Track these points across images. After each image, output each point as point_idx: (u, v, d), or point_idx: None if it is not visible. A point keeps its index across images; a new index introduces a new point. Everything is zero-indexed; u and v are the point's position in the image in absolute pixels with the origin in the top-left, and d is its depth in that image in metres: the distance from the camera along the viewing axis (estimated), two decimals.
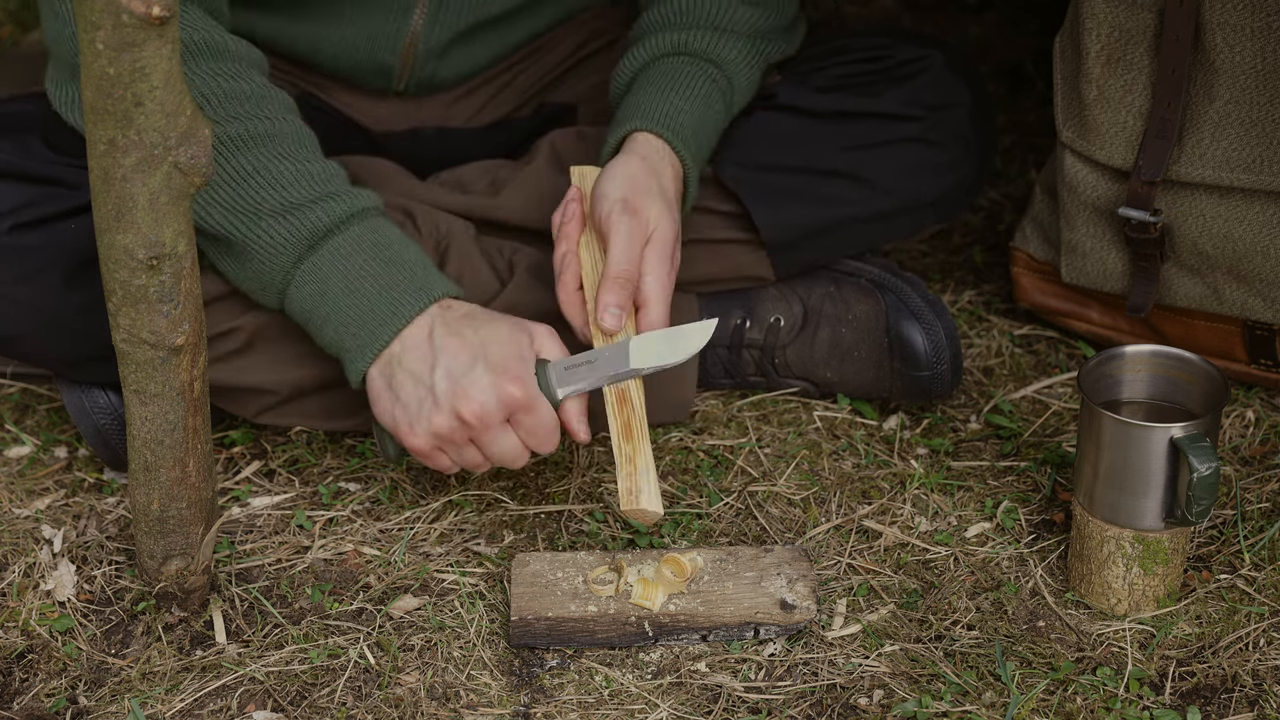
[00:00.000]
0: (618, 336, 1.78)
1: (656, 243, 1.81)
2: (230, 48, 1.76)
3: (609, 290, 1.78)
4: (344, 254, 1.75)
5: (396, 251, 1.76)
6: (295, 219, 1.73)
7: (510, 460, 1.75)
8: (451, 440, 1.73)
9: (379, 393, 1.75)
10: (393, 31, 1.98)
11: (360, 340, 1.74)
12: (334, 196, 1.75)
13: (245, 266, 1.76)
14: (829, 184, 1.97)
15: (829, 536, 1.87)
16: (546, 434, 1.74)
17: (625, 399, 1.75)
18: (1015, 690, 1.66)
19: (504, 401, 1.70)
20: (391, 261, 1.75)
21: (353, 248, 1.75)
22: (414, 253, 1.78)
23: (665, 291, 1.81)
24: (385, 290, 1.74)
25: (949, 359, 1.98)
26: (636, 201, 1.80)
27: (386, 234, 1.77)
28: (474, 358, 1.71)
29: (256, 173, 1.73)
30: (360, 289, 1.74)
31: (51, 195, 1.79)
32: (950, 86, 1.99)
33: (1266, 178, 1.86)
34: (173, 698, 1.68)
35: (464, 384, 1.70)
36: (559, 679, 1.70)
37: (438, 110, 2.11)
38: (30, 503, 1.93)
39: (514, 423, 1.73)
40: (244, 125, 1.73)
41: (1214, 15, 1.83)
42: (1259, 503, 1.89)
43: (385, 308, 1.74)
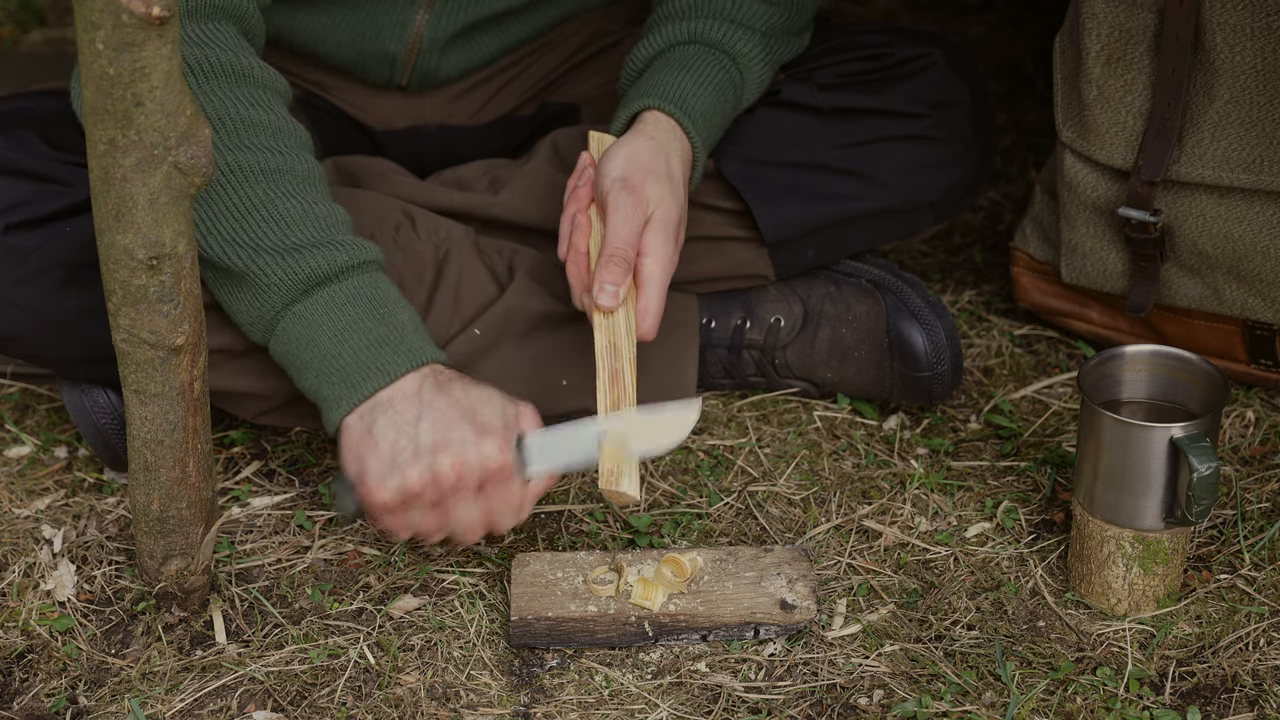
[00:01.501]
0: (615, 316, 1.77)
1: (657, 223, 1.79)
2: (256, 74, 1.74)
3: (606, 268, 1.77)
4: (337, 304, 1.71)
5: (390, 311, 1.72)
6: (293, 260, 1.70)
7: (466, 532, 1.71)
8: (418, 498, 1.67)
9: (355, 439, 1.69)
10: (400, 20, 1.98)
11: (339, 391, 1.70)
12: (337, 244, 1.72)
13: (238, 299, 1.73)
14: (830, 180, 1.97)
15: (829, 536, 1.87)
16: (511, 509, 1.70)
17: (618, 379, 1.74)
18: (1015, 690, 1.66)
19: (485, 462, 1.66)
20: (384, 320, 1.71)
21: (346, 299, 1.71)
22: (408, 315, 1.74)
23: (665, 273, 1.79)
24: (373, 346, 1.70)
25: (949, 359, 1.98)
26: (636, 180, 1.79)
27: (384, 291, 1.73)
28: (462, 416, 1.67)
29: (262, 206, 1.70)
30: (347, 341, 1.70)
31: (47, 193, 1.79)
32: (951, 84, 1.99)
33: (1266, 178, 1.86)
34: (173, 698, 1.68)
35: (449, 437, 1.66)
36: (559, 679, 1.70)
37: (439, 107, 2.11)
38: (30, 503, 1.93)
39: (484, 491, 1.68)
40: (256, 156, 1.70)
41: (1214, 15, 1.84)
42: (1259, 503, 1.89)
43: (370, 363, 1.69)
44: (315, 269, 1.70)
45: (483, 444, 1.66)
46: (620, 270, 1.77)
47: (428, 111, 2.12)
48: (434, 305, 1.92)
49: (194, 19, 1.73)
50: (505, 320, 1.93)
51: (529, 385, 1.95)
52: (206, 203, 1.69)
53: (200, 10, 1.74)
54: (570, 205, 1.83)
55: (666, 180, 1.81)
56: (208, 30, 1.73)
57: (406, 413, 1.67)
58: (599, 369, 1.75)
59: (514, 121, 2.16)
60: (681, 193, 1.83)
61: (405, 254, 1.92)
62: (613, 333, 1.77)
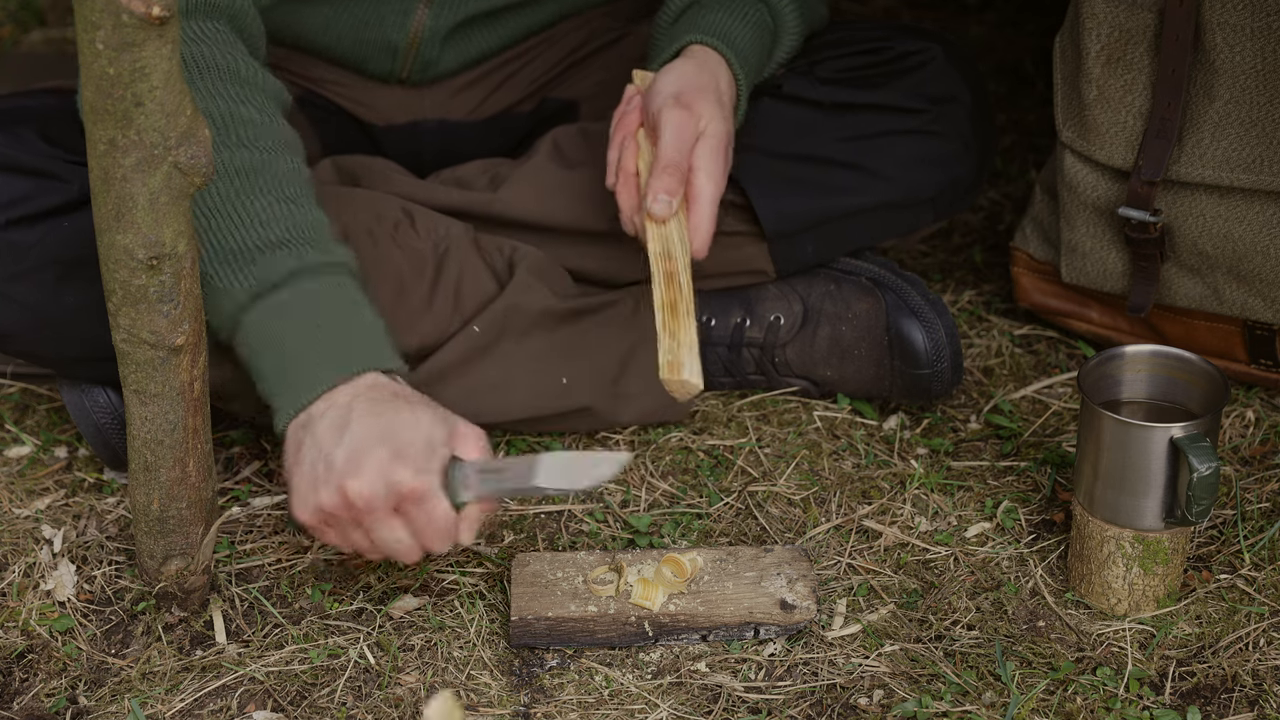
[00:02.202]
0: (668, 226, 1.76)
1: (709, 139, 1.79)
2: (242, 72, 1.73)
3: (659, 177, 1.76)
4: (284, 310, 1.67)
5: (338, 317, 1.68)
6: (248, 264, 1.66)
7: (398, 554, 1.65)
8: (337, 519, 1.64)
9: (289, 456, 1.66)
10: (402, 10, 1.99)
11: (281, 402, 1.66)
12: (293, 246, 1.68)
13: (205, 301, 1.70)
14: (831, 174, 1.97)
15: (829, 536, 1.87)
16: (436, 532, 1.64)
17: (673, 280, 1.73)
18: (1015, 690, 1.66)
19: (393, 487, 1.60)
20: (326, 327, 1.67)
21: (294, 305, 1.67)
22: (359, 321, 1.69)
23: (717, 189, 1.78)
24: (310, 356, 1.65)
25: (949, 357, 1.98)
26: (689, 97, 1.79)
27: (335, 295, 1.69)
28: (379, 438, 1.61)
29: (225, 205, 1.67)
30: (288, 350, 1.66)
31: (44, 188, 1.78)
32: (950, 80, 1.99)
33: (1266, 178, 1.86)
34: (173, 698, 1.68)
35: (359, 461, 1.60)
36: (559, 679, 1.70)
37: (439, 102, 2.12)
38: (30, 503, 1.93)
39: (404, 514, 1.63)
40: (229, 154, 1.68)
41: (1214, 15, 1.84)
42: (1259, 503, 1.89)
43: (305, 375, 1.65)
44: (266, 274, 1.67)
45: (394, 469, 1.60)
46: (674, 180, 1.76)
47: (427, 106, 2.12)
48: (434, 303, 1.92)
49: (185, 16, 1.73)
50: (505, 318, 1.93)
51: (528, 383, 1.95)
52: None
53: (192, 8, 1.74)
54: (618, 132, 1.83)
55: (716, 100, 1.81)
56: (197, 27, 1.73)
57: (329, 432, 1.63)
58: (653, 271, 1.74)
59: (513, 117, 2.16)
60: (730, 115, 1.83)
61: (405, 252, 1.92)
62: (666, 240, 1.76)
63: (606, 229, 1.98)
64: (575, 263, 2.02)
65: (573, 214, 1.99)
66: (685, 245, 1.76)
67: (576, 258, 2.02)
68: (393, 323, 1.90)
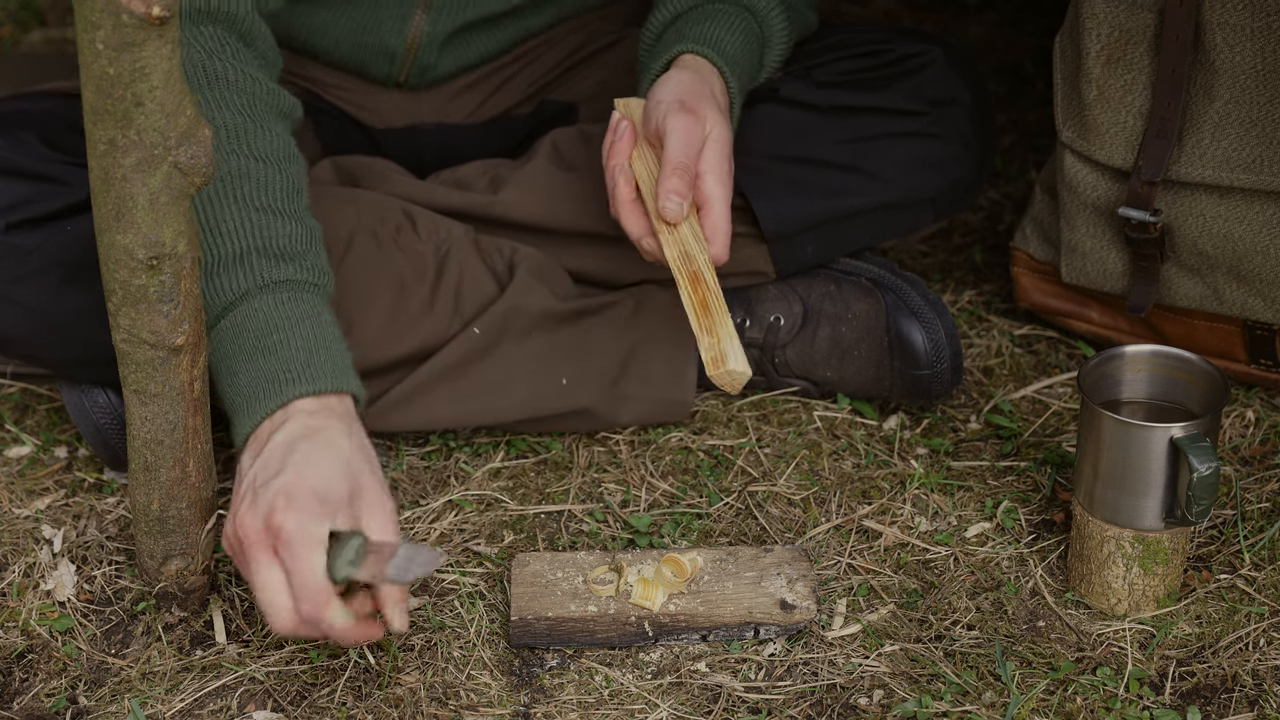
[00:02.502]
0: (681, 230, 1.75)
1: (715, 143, 1.78)
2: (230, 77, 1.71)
3: (668, 179, 1.74)
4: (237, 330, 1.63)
5: (283, 338, 1.62)
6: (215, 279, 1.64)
7: (269, 600, 1.55)
8: (232, 549, 1.59)
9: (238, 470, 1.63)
10: (400, 15, 1.99)
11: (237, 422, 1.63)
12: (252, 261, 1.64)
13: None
14: (830, 176, 1.97)
15: (829, 536, 1.87)
16: (303, 586, 1.53)
17: (699, 280, 1.72)
18: (1015, 690, 1.66)
19: (270, 524, 1.53)
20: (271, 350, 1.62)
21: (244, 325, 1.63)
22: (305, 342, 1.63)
23: (727, 192, 1.77)
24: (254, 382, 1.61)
25: (949, 358, 1.98)
26: (692, 103, 1.78)
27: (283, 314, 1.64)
28: (279, 473, 1.55)
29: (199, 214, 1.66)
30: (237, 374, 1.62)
31: (46, 192, 1.79)
32: (950, 82, 1.99)
33: (1266, 178, 1.86)
34: (173, 698, 1.68)
35: (251, 494, 1.56)
36: (559, 679, 1.70)
37: (437, 105, 2.12)
38: (30, 503, 1.93)
39: (280, 559, 1.55)
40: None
41: (1214, 15, 1.84)
42: (1259, 503, 1.89)
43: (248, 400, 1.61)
44: (222, 292, 1.64)
45: (274, 507, 1.54)
46: (683, 181, 1.74)
47: (425, 110, 2.12)
48: (435, 305, 1.92)
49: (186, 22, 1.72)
50: (505, 319, 1.94)
51: (528, 383, 1.95)
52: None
53: (187, 14, 1.73)
54: (610, 161, 1.81)
55: (716, 106, 1.80)
56: (190, 34, 1.72)
57: (249, 456, 1.60)
58: (677, 277, 1.73)
59: (512, 120, 2.16)
60: (729, 121, 1.82)
61: (407, 254, 1.92)
62: (683, 243, 1.76)
63: (606, 230, 1.98)
64: (575, 264, 2.02)
65: (573, 216, 1.99)
66: (702, 244, 1.76)
67: (576, 259, 2.02)
68: (394, 324, 1.91)
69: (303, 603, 1.54)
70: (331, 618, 1.55)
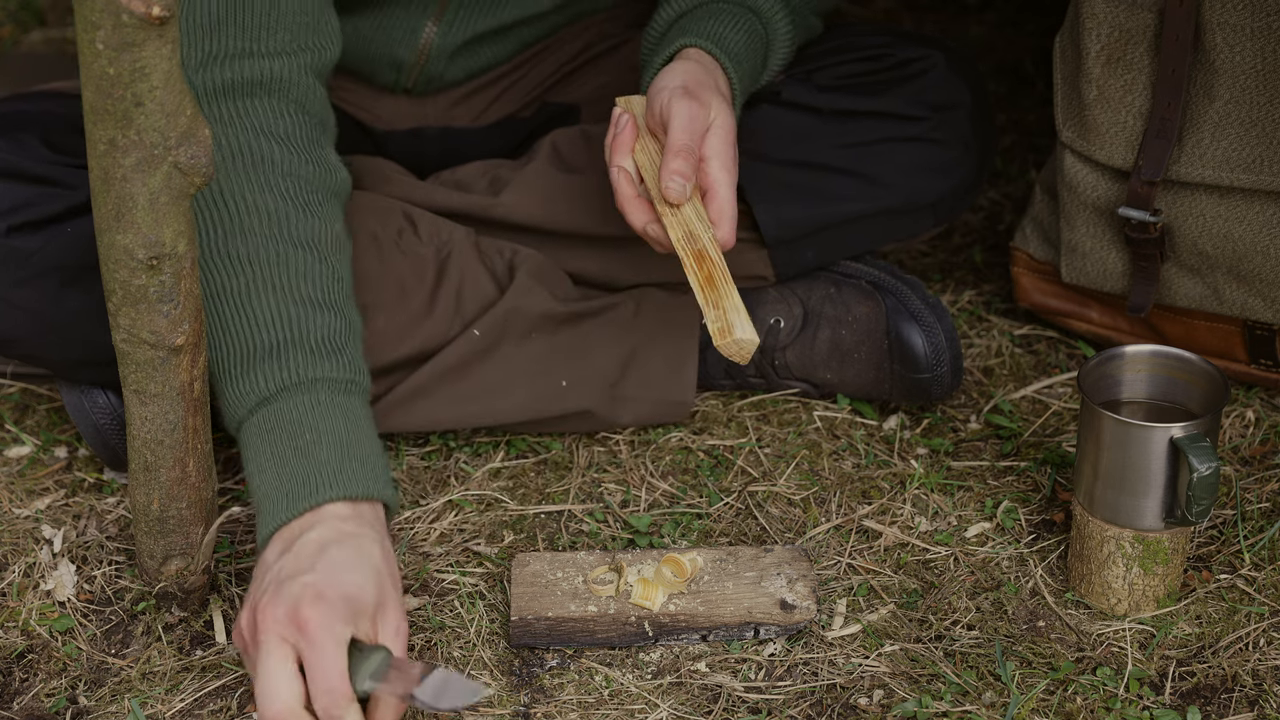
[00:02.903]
0: (685, 211, 1.74)
1: (719, 129, 1.77)
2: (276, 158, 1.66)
3: (672, 160, 1.73)
4: (267, 429, 1.60)
5: (314, 442, 1.58)
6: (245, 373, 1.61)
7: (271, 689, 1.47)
8: (242, 638, 1.54)
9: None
10: (410, 28, 1.98)
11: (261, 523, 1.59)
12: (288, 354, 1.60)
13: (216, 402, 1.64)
14: (831, 180, 1.97)
15: (829, 536, 1.87)
16: (327, 685, 1.47)
17: (704, 257, 1.72)
18: (1015, 690, 1.66)
19: (294, 617, 1.48)
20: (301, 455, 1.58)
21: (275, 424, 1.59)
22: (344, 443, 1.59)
23: (732, 177, 1.76)
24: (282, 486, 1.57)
25: (949, 361, 1.98)
26: (695, 89, 1.77)
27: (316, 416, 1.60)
28: (309, 571, 1.51)
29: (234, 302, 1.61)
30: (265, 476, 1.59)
31: (48, 195, 1.79)
32: (952, 87, 1.99)
33: (1266, 178, 1.86)
34: (173, 698, 1.68)
35: (276, 586, 1.51)
36: (559, 679, 1.70)
37: (442, 110, 2.12)
38: (30, 503, 1.93)
39: (297, 650, 1.49)
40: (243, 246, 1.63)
41: (1214, 15, 1.84)
42: (1259, 503, 1.89)
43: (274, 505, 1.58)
44: (253, 389, 1.60)
45: (302, 599, 1.49)
46: (686, 162, 1.73)
47: (430, 114, 2.12)
48: (435, 307, 1.92)
49: (229, 97, 1.68)
50: (505, 321, 1.94)
51: (528, 385, 1.95)
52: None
53: (235, 88, 1.68)
54: (614, 157, 1.80)
55: (720, 95, 1.80)
56: (239, 107, 1.68)
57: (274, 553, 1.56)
58: (682, 257, 1.73)
59: (515, 123, 2.16)
60: (733, 110, 1.81)
61: (408, 257, 1.92)
62: (686, 224, 1.75)
63: (606, 232, 1.98)
64: (575, 266, 2.02)
65: (573, 218, 1.99)
66: (707, 224, 1.75)
67: (577, 261, 2.02)
68: (395, 326, 1.91)
69: (321, 698, 1.47)
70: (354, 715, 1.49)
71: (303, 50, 1.72)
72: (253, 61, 1.69)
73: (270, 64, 1.69)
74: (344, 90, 2.09)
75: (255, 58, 1.69)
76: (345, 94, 2.09)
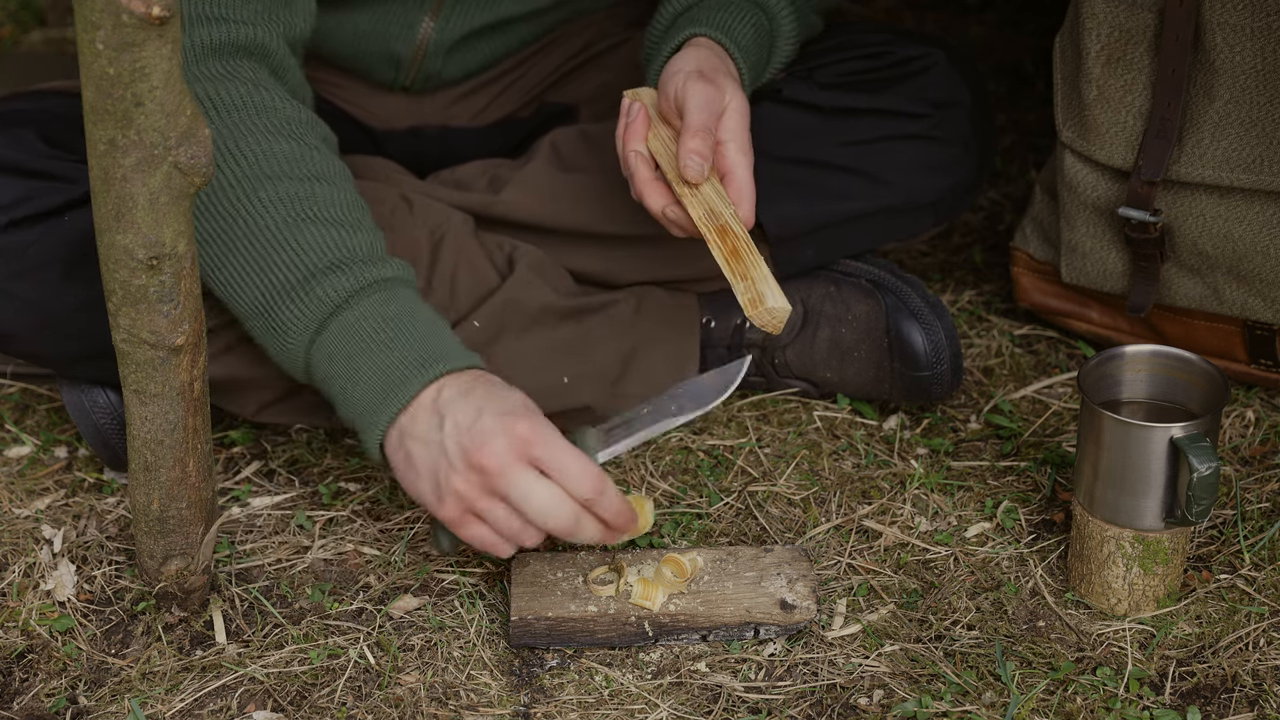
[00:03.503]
0: (704, 190, 1.75)
1: (734, 112, 1.78)
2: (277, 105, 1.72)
3: (689, 139, 1.74)
4: (350, 332, 1.67)
5: (405, 326, 1.68)
6: (305, 293, 1.67)
7: (545, 508, 1.62)
8: (477, 499, 1.63)
9: (401, 471, 1.67)
10: (407, 23, 1.98)
11: (366, 421, 1.67)
12: (347, 267, 1.68)
13: (269, 343, 1.71)
14: (832, 178, 1.97)
15: (829, 536, 1.87)
16: (579, 472, 1.62)
17: (727, 231, 1.73)
18: (1015, 690, 1.66)
19: (513, 438, 1.61)
20: (396, 340, 1.67)
21: (358, 325, 1.67)
22: (426, 327, 1.69)
23: (748, 159, 1.77)
24: (387, 370, 1.66)
25: (949, 359, 1.98)
26: (710, 73, 1.78)
27: (397, 307, 1.69)
28: (479, 410, 1.62)
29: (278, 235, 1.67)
30: (362, 371, 1.66)
31: (46, 189, 1.78)
32: (953, 85, 1.99)
33: (1266, 178, 1.86)
34: (173, 698, 1.68)
35: (471, 433, 1.61)
36: (559, 679, 1.70)
37: (440, 108, 2.12)
38: (30, 503, 1.93)
39: (540, 466, 1.63)
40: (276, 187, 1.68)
41: (1214, 15, 1.84)
42: (1259, 503, 1.89)
43: (386, 388, 1.66)
44: (325, 298, 1.67)
45: (506, 422, 1.61)
46: (704, 142, 1.74)
47: (429, 113, 2.12)
48: (430, 292, 1.92)
49: (216, 56, 1.72)
50: (504, 312, 1.93)
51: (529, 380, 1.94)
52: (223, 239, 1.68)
53: (221, 49, 1.72)
54: (629, 144, 1.80)
55: (733, 79, 1.81)
56: (221, 66, 1.72)
57: (428, 427, 1.64)
58: (704, 233, 1.74)
59: (513, 123, 2.16)
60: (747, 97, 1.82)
61: (400, 236, 1.91)
62: (707, 202, 1.76)
63: (607, 230, 1.98)
64: (576, 263, 2.02)
65: (573, 216, 1.99)
66: (727, 201, 1.75)
67: (577, 259, 2.02)
68: None
69: (580, 486, 1.61)
70: (611, 489, 1.63)
71: (275, 20, 1.76)
72: (231, 27, 1.73)
73: (249, 30, 1.74)
74: (342, 88, 2.09)
75: (232, 23, 1.73)
76: (343, 92, 2.09)
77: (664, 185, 1.79)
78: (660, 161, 1.80)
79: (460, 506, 1.65)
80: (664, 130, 1.81)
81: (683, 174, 1.74)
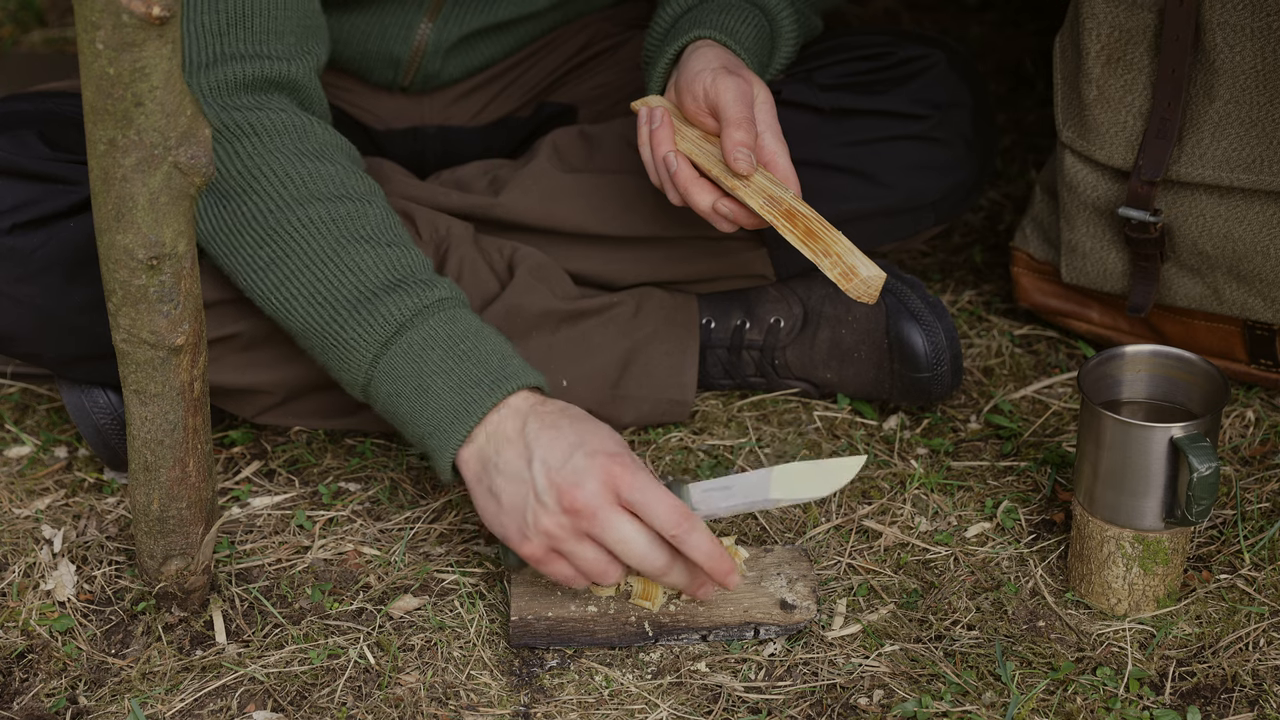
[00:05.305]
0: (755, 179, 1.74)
1: (763, 102, 1.78)
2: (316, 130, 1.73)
3: (733, 132, 1.73)
4: (416, 351, 1.67)
5: (472, 344, 1.68)
6: (368, 311, 1.67)
7: (638, 552, 1.60)
8: (565, 540, 1.61)
9: (481, 503, 1.66)
10: (406, 24, 1.99)
11: (438, 442, 1.67)
12: (408, 287, 1.68)
13: (331, 361, 1.71)
14: (832, 179, 1.97)
15: (829, 536, 1.87)
16: (668, 510, 1.59)
17: (795, 214, 1.72)
18: (1015, 690, 1.66)
19: (608, 479, 1.59)
20: (466, 355, 1.67)
21: (425, 343, 1.67)
22: (491, 345, 1.69)
23: (784, 146, 1.77)
24: (458, 388, 1.66)
25: (949, 360, 1.98)
26: (733, 67, 1.79)
27: (461, 326, 1.69)
28: (571, 447, 1.60)
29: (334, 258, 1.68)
30: (432, 388, 1.66)
31: (49, 192, 1.79)
32: (953, 86, 1.99)
33: (1266, 178, 1.86)
34: (173, 698, 1.68)
35: (564, 472, 1.59)
36: (559, 679, 1.70)
37: (440, 108, 2.12)
38: (30, 503, 1.93)
39: (630, 507, 1.60)
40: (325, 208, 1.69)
41: (1214, 15, 1.84)
42: (1259, 503, 1.89)
43: (458, 405, 1.65)
44: (389, 317, 1.67)
45: (603, 464, 1.59)
46: (748, 133, 1.74)
47: (428, 113, 2.12)
48: None
49: (247, 91, 1.72)
50: (505, 318, 1.93)
51: None
52: (280, 263, 1.69)
53: (254, 84, 1.72)
54: (659, 147, 1.79)
55: (754, 73, 1.81)
56: (258, 99, 1.72)
57: (516, 460, 1.63)
58: (771, 220, 1.72)
59: (513, 123, 2.16)
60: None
61: None
62: (764, 189, 1.75)
63: (607, 232, 1.98)
64: (576, 265, 2.02)
65: (574, 217, 1.99)
66: (782, 186, 1.75)
67: (577, 260, 2.02)
68: None
69: (672, 527, 1.59)
70: (702, 530, 1.60)
71: (307, 54, 1.77)
72: (265, 63, 1.73)
73: (284, 66, 1.74)
74: (342, 89, 2.09)
75: (266, 60, 1.73)
76: (343, 93, 2.09)
77: (709, 182, 1.79)
78: (697, 161, 1.79)
79: (546, 546, 1.63)
80: (690, 131, 1.81)
81: (734, 167, 1.73)
